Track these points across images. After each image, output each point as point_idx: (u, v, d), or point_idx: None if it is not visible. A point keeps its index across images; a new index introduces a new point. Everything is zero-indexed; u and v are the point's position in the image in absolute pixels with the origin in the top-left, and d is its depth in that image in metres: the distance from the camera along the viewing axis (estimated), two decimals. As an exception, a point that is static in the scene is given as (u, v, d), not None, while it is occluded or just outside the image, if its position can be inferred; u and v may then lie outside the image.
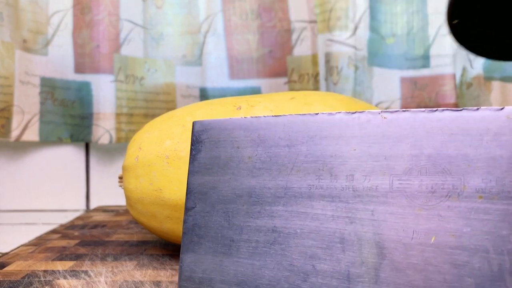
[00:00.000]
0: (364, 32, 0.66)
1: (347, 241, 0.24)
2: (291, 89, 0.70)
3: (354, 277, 0.24)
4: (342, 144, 0.25)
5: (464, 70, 0.67)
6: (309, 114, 0.27)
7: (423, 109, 0.24)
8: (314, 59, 0.69)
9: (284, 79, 0.71)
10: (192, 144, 0.30)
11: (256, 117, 0.28)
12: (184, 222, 0.29)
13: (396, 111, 0.25)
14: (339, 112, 0.26)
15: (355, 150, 0.25)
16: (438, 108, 0.24)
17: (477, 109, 0.23)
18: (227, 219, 0.28)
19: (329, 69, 0.65)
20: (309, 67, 0.70)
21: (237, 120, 0.28)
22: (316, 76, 0.69)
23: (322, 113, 0.26)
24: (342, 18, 0.64)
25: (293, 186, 0.26)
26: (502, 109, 0.22)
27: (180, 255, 0.28)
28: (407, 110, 0.24)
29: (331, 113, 0.26)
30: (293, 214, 0.26)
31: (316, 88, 0.69)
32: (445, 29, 0.65)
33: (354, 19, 0.65)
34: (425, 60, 0.66)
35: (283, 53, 0.71)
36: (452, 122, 0.23)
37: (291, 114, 0.27)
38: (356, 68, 0.65)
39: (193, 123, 0.30)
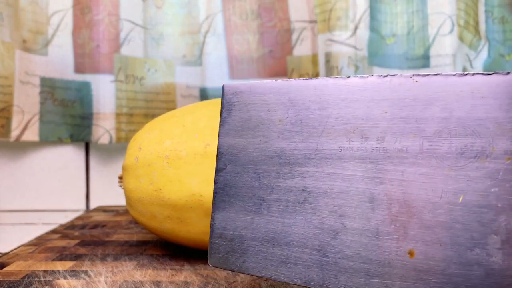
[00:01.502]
0: (364, 32, 0.66)
1: (376, 201, 0.25)
2: (291, 89, 0.70)
3: (383, 235, 0.25)
4: (373, 107, 0.26)
5: (464, 69, 0.67)
6: (341, 77, 0.27)
7: (454, 72, 0.24)
8: (314, 59, 0.69)
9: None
10: (222, 107, 0.30)
11: (287, 80, 0.28)
12: (215, 182, 0.29)
13: (428, 75, 0.25)
14: (371, 76, 0.26)
15: (386, 112, 0.25)
16: (469, 72, 0.24)
17: (508, 73, 0.23)
18: (257, 179, 0.28)
19: (329, 69, 0.65)
20: (309, 67, 0.70)
21: (268, 83, 0.29)
22: (316, 76, 0.69)
23: (354, 76, 0.27)
24: (342, 18, 0.64)
25: (323, 148, 0.27)
26: None
27: (212, 213, 0.29)
28: (438, 74, 0.25)
29: (363, 76, 0.26)
30: (323, 175, 0.26)
31: (316, 88, 0.69)
32: (445, 29, 0.65)
33: (354, 19, 0.65)
34: (425, 60, 0.66)
35: (283, 53, 0.71)
36: (482, 85, 0.24)
37: (322, 77, 0.27)
38: (356, 68, 0.65)
39: (223, 86, 0.30)
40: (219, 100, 0.42)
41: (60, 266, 0.39)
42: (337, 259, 0.26)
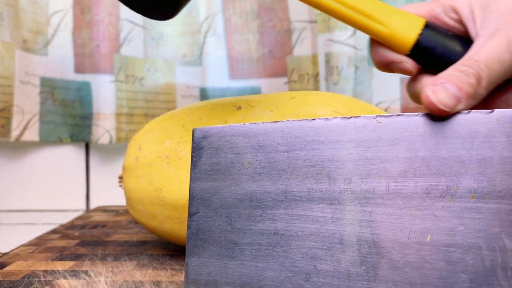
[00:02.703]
0: (364, 32, 0.66)
1: (346, 242, 0.25)
2: (291, 89, 0.70)
3: (354, 276, 0.25)
4: (339, 149, 0.26)
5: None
6: (306, 119, 0.27)
7: (417, 113, 0.25)
8: (314, 59, 0.69)
9: (284, 79, 0.71)
10: (192, 151, 0.30)
11: (255, 123, 0.29)
12: (188, 227, 0.30)
13: (391, 116, 0.25)
14: (335, 118, 0.27)
15: (351, 154, 0.26)
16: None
17: (468, 112, 0.24)
18: (229, 223, 0.28)
19: (329, 69, 0.65)
20: (309, 67, 0.70)
21: (236, 127, 0.29)
22: (316, 76, 0.69)
23: (319, 119, 0.27)
24: (342, 18, 0.64)
25: (293, 190, 0.27)
26: (492, 112, 0.24)
27: (186, 259, 0.29)
28: (401, 114, 0.25)
29: (327, 118, 0.27)
30: (293, 217, 0.27)
31: (316, 88, 0.69)
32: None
33: (354, 19, 0.65)
34: (425, 60, 0.66)
35: (283, 53, 0.71)
36: (445, 125, 0.24)
37: (288, 120, 0.28)
38: (356, 68, 0.65)
39: (193, 130, 0.31)
40: (219, 100, 0.42)
41: (60, 266, 0.39)
42: None
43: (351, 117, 0.26)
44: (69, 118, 0.71)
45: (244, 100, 0.40)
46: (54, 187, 0.74)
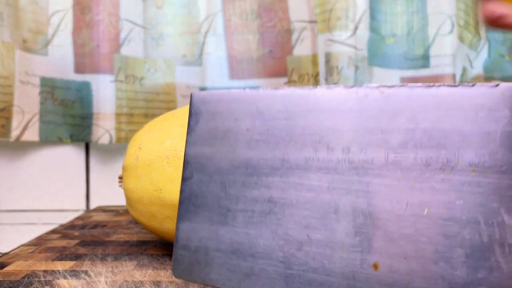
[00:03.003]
0: (364, 32, 0.66)
1: (341, 212, 0.25)
2: (291, 89, 0.70)
3: (347, 247, 0.24)
4: (340, 118, 0.26)
5: (464, 70, 0.67)
6: (308, 87, 0.27)
7: (420, 84, 0.24)
8: (314, 59, 0.69)
9: (284, 79, 0.71)
10: (190, 116, 0.30)
11: (254, 89, 0.28)
12: (181, 191, 0.29)
13: (394, 86, 0.25)
14: (338, 86, 0.26)
15: (352, 123, 0.25)
16: (435, 84, 0.24)
17: (473, 85, 0.23)
18: (223, 189, 0.28)
19: (329, 69, 0.65)
20: (309, 67, 0.70)
21: (236, 93, 0.29)
22: (316, 76, 0.69)
23: (321, 87, 0.26)
24: (342, 18, 0.64)
25: (290, 158, 0.27)
26: (497, 85, 0.23)
27: (177, 224, 0.29)
28: (405, 85, 0.25)
29: (329, 86, 0.26)
30: (289, 185, 0.26)
31: (316, 88, 0.69)
32: (445, 29, 0.65)
33: (354, 19, 0.65)
34: (425, 60, 0.66)
35: (283, 53, 0.71)
36: (448, 97, 0.24)
37: (289, 87, 0.27)
38: (356, 68, 0.65)
39: (191, 95, 0.30)
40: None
41: (60, 266, 0.39)
42: (301, 272, 0.25)
43: (353, 86, 0.26)
44: (69, 118, 0.71)
45: (244, 100, 0.40)
46: (54, 187, 0.74)
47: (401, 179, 0.24)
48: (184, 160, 0.29)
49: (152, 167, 0.39)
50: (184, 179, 0.29)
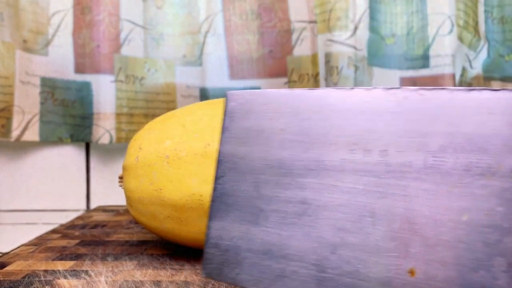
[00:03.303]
0: (364, 32, 0.66)
1: (377, 216, 0.24)
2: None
3: (383, 251, 0.24)
4: (377, 120, 0.25)
5: (463, 70, 0.67)
6: (345, 88, 0.26)
7: (461, 87, 0.24)
8: (314, 59, 0.69)
9: (284, 79, 0.71)
10: (224, 114, 0.29)
11: (290, 89, 0.28)
12: (213, 190, 0.29)
13: (434, 89, 0.24)
14: (376, 88, 0.26)
15: (390, 126, 0.25)
16: (476, 87, 0.23)
17: None
18: (256, 189, 0.27)
19: (329, 69, 0.65)
20: (309, 67, 0.70)
21: (271, 92, 0.28)
22: (316, 76, 0.69)
23: (358, 88, 0.26)
24: (342, 18, 0.64)
25: (325, 159, 0.26)
26: None
27: (208, 222, 0.28)
28: (445, 88, 0.24)
29: (367, 88, 0.26)
30: (323, 187, 0.26)
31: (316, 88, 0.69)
32: (445, 29, 0.65)
33: (354, 19, 0.65)
34: (424, 60, 0.66)
35: (283, 53, 0.71)
36: (490, 101, 0.23)
37: (326, 88, 0.27)
38: (356, 68, 0.65)
39: (227, 93, 0.30)
40: (220, 100, 0.42)
41: (61, 265, 0.39)
42: (335, 275, 0.25)
43: (392, 88, 0.25)
44: (69, 118, 0.72)
45: (244, 100, 0.40)
46: (54, 187, 0.74)
47: (440, 183, 0.23)
48: (217, 159, 0.29)
49: (152, 167, 0.39)
50: (216, 178, 0.29)
